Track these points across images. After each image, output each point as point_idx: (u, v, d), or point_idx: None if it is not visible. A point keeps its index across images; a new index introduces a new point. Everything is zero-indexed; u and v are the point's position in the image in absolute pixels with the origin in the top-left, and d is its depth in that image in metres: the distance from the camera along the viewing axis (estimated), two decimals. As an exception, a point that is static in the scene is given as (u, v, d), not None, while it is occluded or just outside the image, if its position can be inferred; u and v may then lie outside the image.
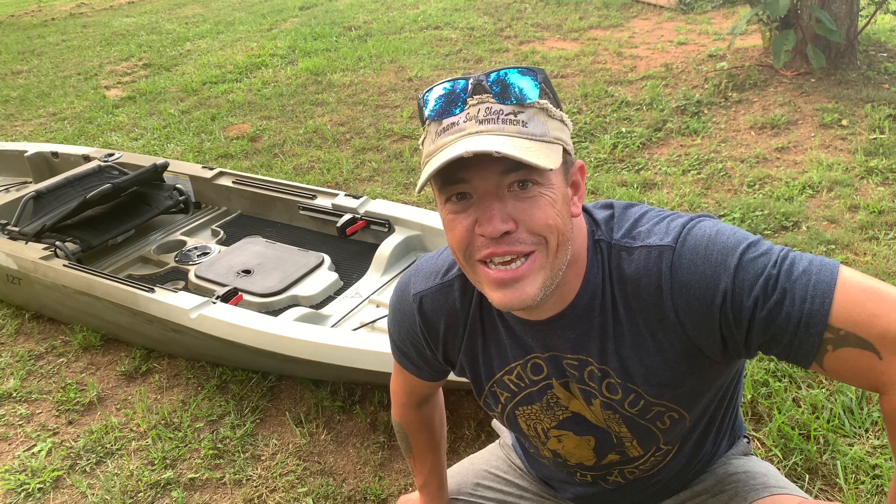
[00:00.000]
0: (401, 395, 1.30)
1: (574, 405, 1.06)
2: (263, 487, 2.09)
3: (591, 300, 0.97)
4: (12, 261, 2.87)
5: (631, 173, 3.65)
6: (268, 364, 2.40)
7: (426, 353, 1.15)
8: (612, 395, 1.00)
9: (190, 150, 4.76)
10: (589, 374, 1.01)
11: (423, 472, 1.36)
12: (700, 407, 1.06)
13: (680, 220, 0.95)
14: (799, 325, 0.83)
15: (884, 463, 1.85)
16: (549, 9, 6.95)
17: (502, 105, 0.85)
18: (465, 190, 0.87)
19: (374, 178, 4.05)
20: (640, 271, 0.93)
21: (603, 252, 0.97)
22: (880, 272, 2.57)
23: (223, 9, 9.68)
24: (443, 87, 0.88)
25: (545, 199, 0.86)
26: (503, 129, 0.84)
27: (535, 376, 1.06)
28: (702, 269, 0.89)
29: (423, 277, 1.11)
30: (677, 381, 0.97)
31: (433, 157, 0.86)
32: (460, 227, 0.88)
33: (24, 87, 7.07)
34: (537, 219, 0.86)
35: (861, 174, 3.31)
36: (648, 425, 1.03)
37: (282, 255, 2.79)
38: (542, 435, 1.12)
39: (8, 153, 4.12)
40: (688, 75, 4.71)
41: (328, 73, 6.00)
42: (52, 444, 2.37)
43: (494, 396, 1.12)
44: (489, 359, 1.09)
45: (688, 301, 0.90)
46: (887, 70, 4.28)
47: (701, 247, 0.90)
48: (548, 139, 0.86)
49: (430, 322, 1.10)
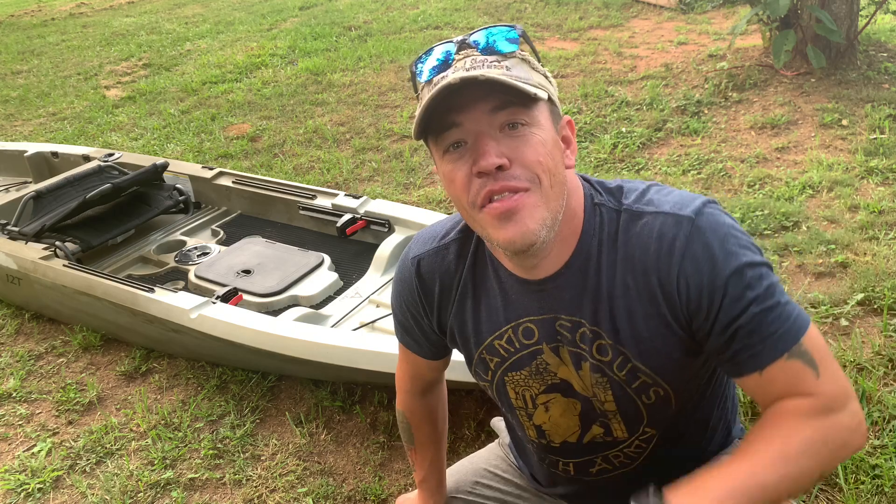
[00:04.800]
0: (405, 380, 1.32)
1: (562, 371, 1.07)
2: (263, 487, 2.09)
3: (586, 260, 1.00)
4: (12, 261, 2.87)
5: (631, 173, 3.65)
6: (268, 364, 2.40)
7: (423, 322, 1.18)
8: (603, 356, 1.02)
9: (190, 150, 4.76)
10: (581, 336, 1.02)
11: (423, 466, 1.36)
12: (686, 390, 1.06)
13: (693, 197, 0.98)
14: (775, 334, 0.90)
15: (884, 463, 1.85)
16: (549, 9, 6.95)
17: (486, 56, 0.92)
18: (459, 137, 0.92)
19: (374, 178, 4.05)
20: (652, 234, 0.95)
21: (603, 216, 1.00)
22: (880, 272, 2.57)
23: (223, 9, 9.68)
24: (428, 53, 0.95)
25: (535, 138, 0.91)
26: (488, 72, 0.89)
27: (526, 340, 1.07)
28: (716, 251, 0.92)
29: (422, 242, 1.16)
30: (663, 348, 0.99)
31: (426, 100, 0.91)
32: (460, 174, 0.93)
33: (24, 87, 7.07)
34: (528, 156, 0.91)
35: (861, 174, 3.31)
36: (634, 397, 1.04)
37: (282, 255, 2.79)
38: (529, 403, 1.13)
39: (8, 153, 4.12)
40: (688, 75, 4.71)
41: (328, 73, 6.00)
42: (51, 444, 2.37)
43: (484, 363, 1.13)
44: (478, 323, 1.10)
45: (696, 270, 0.93)
46: (887, 70, 4.28)
47: (720, 230, 0.93)
48: (532, 83, 0.91)
49: (427, 284, 1.14)
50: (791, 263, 2.74)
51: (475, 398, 2.24)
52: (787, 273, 2.70)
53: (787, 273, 2.70)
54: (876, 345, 2.26)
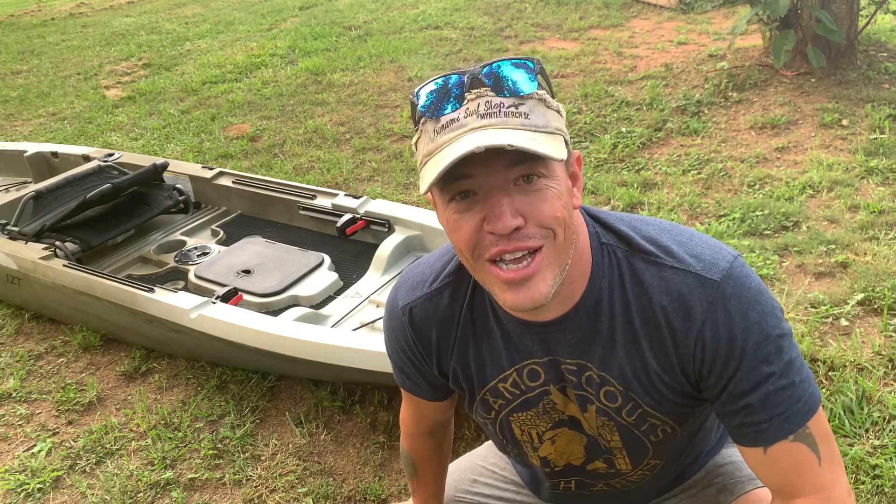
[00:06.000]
0: (409, 423, 1.27)
1: (570, 409, 1.05)
2: (263, 487, 2.09)
3: (596, 304, 0.95)
4: (12, 261, 2.87)
5: (631, 173, 3.65)
6: (268, 364, 2.40)
7: (423, 368, 1.13)
8: (610, 402, 0.99)
9: (190, 150, 4.76)
10: (587, 380, 0.99)
11: (423, 495, 1.34)
12: (693, 424, 1.06)
13: (718, 251, 0.93)
14: (783, 414, 0.90)
15: (884, 463, 1.85)
16: (549, 9, 6.95)
17: (502, 98, 0.83)
18: (469, 187, 0.84)
19: (374, 178, 4.05)
20: (672, 291, 0.91)
21: (612, 258, 0.95)
22: (880, 272, 2.57)
23: (223, 9, 9.68)
24: (434, 83, 0.86)
25: (552, 192, 0.84)
26: (507, 122, 0.82)
27: (532, 382, 1.03)
28: (738, 321, 0.89)
29: (410, 288, 1.09)
30: (673, 397, 0.97)
31: (435, 155, 0.84)
32: (467, 227, 0.86)
33: (24, 87, 7.07)
34: (546, 212, 0.84)
35: (861, 174, 3.31)
36: (642, 437, 1.02)
37: (282, 255, 2.79)
38: (535, 440, 1.10)
39: (8, 153, 4.11)
40: (688, 75, 4.71)
41: (328, 73, 6.00)
42: (51, 444, 2.37)
43: (486, 404, 1.09)
44: (482, 366, 1.06)
45: (714, 336, 0.90)
46: (887, 70, 4.28)
47: (745, 297, 0.90)
48: (550, 130, 0.85)
49: (422, 332, 1.08)
50: (791, 263, 2.74)
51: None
52: (787, 273, 2.70)
53: (787, 273, 2.70)
54: (876, 345, 2.26)
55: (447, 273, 1.06)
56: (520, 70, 0.84)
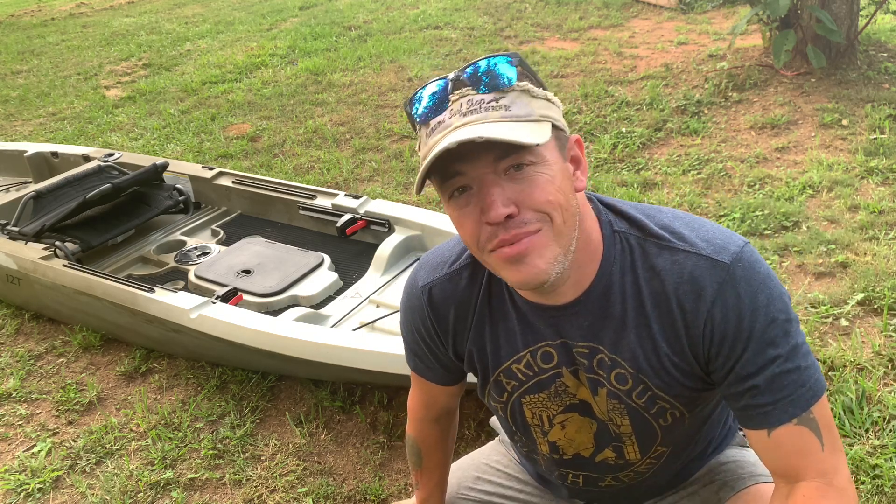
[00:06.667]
0: (418, 408, 1.29)
1: (582, 393, 1.07)
2: (263, 487, 2.09)
3: (607, 288, 0.98)
4: (12, 261, 2.87)
5: (631, 173, 3.65)
6: (268, 364, 2.40)
7: (437, 350, 1.15)
8: (621, 385, 1.01)
9: (190, 150, 4.76)
10: (598, 363, 1.01)
11: (428, 487, 1.35)
12: (701, 410, 1.07)
13: (728, 237, 0.96)
14: (788, 398, 0.92)
15: (884, 463, 1.85)
16: (549, 9, 6.95)
17: (482, 95, 0.87)
18: (463, 183, 0.89)
19: (374, 178, 4.05)
20: (684, 273, 0.94)
21: (629, 244, 0.98)
22: (880, 272, 2.57)
23: (223, 9, 9.68)
24: (422, 91, 0.91)
25: (543, 178, 0.88)
26: (487, 117, 0.86)
27: (545, 364, 1.06)
28: (746, 303, 0.91)
29: (430, 269, 1.13)
30: (683, 380, 0.98)
31: (426, 158, 0.88)
32: (469, 221, 0.90)
33: (24, 87, 7.07)
34: (536, 197, 0.87)
35: (861, 174, 3.31)
36: (651, 421, 1.03)
37: (282, 255, 2.79)
38: (546, 423, 1.12)
39: (8, 153, 4.11)
40: (688, 75, 4.71)
41: (328, 73, 6.00)
42: (51, 444, 2.37)
43: (499, 386, 1.11)
44: (497, 347, 1.08)
45: (724, 318, 0.92)
46: (887, 70, 4.28)
47: (754, 280, 0.92)
48: (534, 118, 0.87)
49: (440, 312, 1.11)
50: (791, 263, 2.74)
51: (475, 398, 2.24)
52: (787, 273, 2.70)
53: (787, 273, 2.70)
54: (876, 345, 2.26)
55: (467, 255, 1.09)
56: (499, 65, 0.88)
